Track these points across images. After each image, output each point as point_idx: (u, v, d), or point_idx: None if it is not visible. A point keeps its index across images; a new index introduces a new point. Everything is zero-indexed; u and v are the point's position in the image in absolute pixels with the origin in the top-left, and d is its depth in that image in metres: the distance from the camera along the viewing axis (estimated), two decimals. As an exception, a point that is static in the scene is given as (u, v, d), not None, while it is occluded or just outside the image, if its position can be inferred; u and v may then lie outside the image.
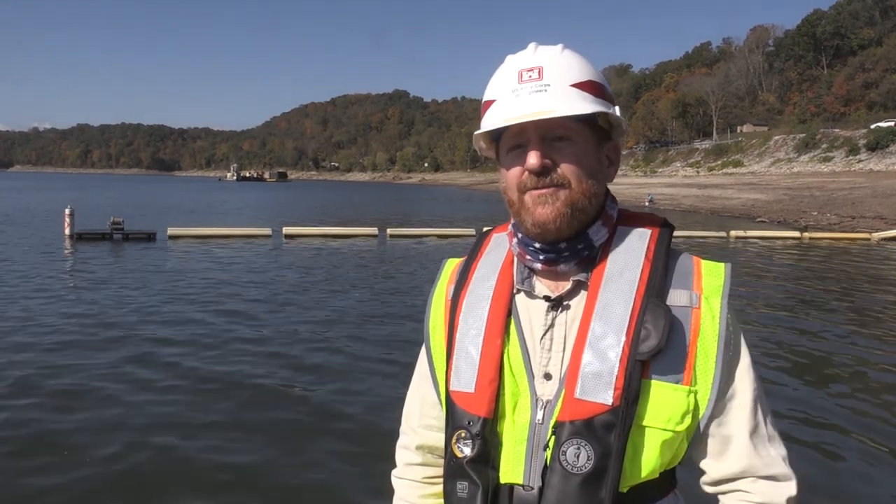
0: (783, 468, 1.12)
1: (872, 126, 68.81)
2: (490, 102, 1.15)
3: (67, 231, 20.77)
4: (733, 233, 25.24)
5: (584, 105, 1.08)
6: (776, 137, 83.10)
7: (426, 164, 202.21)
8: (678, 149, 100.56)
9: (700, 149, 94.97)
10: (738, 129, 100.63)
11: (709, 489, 1.16)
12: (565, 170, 1.09)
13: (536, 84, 1.09)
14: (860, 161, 64.42)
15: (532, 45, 1.14)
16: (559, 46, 1.14)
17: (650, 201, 45.74)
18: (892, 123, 66.17)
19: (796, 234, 25.49)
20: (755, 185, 56.63)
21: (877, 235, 24.91)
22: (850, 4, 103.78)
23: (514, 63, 1.13)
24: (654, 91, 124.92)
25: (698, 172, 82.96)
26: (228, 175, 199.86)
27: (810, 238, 24.59)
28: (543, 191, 1.10)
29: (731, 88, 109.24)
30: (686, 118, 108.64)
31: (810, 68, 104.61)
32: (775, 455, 1.12)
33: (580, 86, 1.10)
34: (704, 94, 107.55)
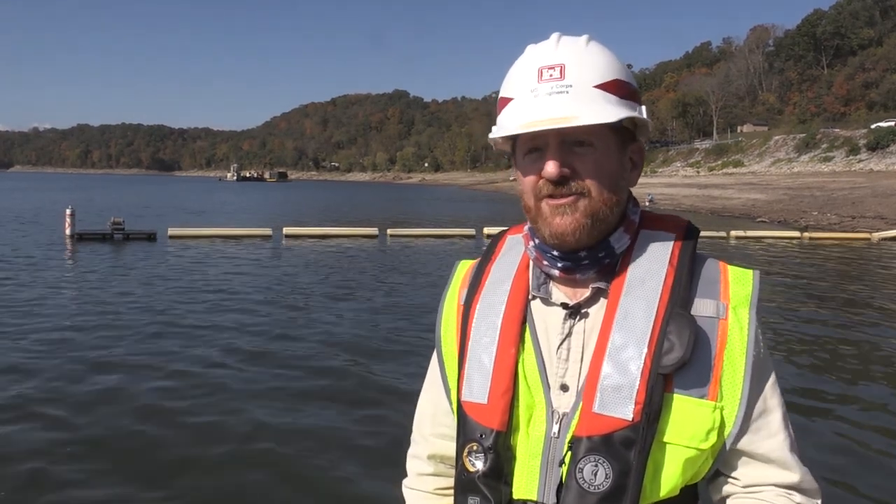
0: (813, 483, 1.09)
1: (873, 126, 68.80)
2: (507, 100, 1.08)
3: (68, 231, 20.80)
4: (733, 233, 25.24)
5: (608, 110, 1.01)
6: (776, 137, 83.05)
7: (426, 164, 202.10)
8: (678, 149, 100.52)
9: (700, 149, 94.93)
10: (739, 128, 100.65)
11: (733, 491, 1.10)
12: (586, 178, 1.03)
13: (557, 84, 1.01)
14: (860, 161, 64.41)
15: (555, 37, 1.06)
16: (584, 39, 1.06)
17: (650, 201, 45.70)
18: (892, 123, 66.15)
19: (796, 234, 25.52)
20: (755, 184, 56.63)
21: (877, 235, 24.93)
22: (850, 4, 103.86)
23: (534, 57, 1.05)
24: (655, 91, 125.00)
25: (698, 172, 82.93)
26: (228, 175, 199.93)
27: (810, 238, 24.61)
28: (562, 200, 1.03)
29: (731, 88, 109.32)
30: (686, 118, 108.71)
31: (810, 68, 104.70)
32: (805, 470, 1.08)
33: (605, 86, 1.03)
34: (704, 94, 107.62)
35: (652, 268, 1.07)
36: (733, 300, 1.05)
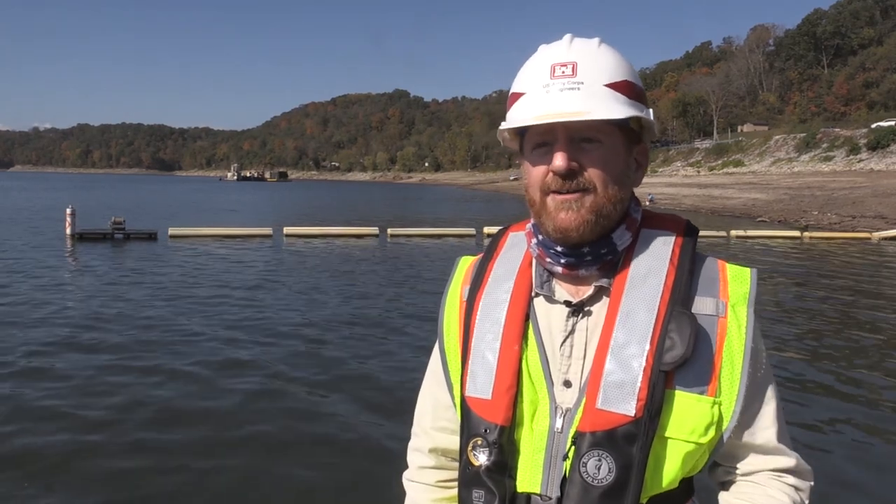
0: (805, 465, 1.13)
1: (873, 125, 68.68)
2: (518, 95, 1.10)
3: (69, 231, 20.80)
4: (734, 232, 25.22)
5: (617, 108, 1.04)
6: (777, 137, 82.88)
7: (426, 164, 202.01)
8: (679, 148, 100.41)
9: (700, 148, 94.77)
10: (739, 128, 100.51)
11: (731, 478, 1.15)
12: (592, 174, 1.05)
13: (569, 81, 1.04)
14: (861, 161, 64.28)
15: (567, 37, 1.08)
16: (596, 40, 1.08)
17: (651, 201, 45.68)
18: (892, 123, 65.97)
19: (797, 233, 25.50)
20: (756, 184, 56.54)
21: (877, 235, 24.93)
22: (851, 4, 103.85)
23: (547, 55, 1.08)
24: (655, 91, 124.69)
25: (699, 172, 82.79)
26: (229, 175, 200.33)
27: (811, 238, 24.61)
28: (567, 196, 1.06)
29: (731, 88, 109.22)
30: (686, 118, 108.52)
31: (811, 68, 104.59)
32: (797, 455, 1.12)
33: (615, 86, 1.05)
34: (705, 94, 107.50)
35: (654, 266, 1.09)
36: (732, 298, 1.07)
